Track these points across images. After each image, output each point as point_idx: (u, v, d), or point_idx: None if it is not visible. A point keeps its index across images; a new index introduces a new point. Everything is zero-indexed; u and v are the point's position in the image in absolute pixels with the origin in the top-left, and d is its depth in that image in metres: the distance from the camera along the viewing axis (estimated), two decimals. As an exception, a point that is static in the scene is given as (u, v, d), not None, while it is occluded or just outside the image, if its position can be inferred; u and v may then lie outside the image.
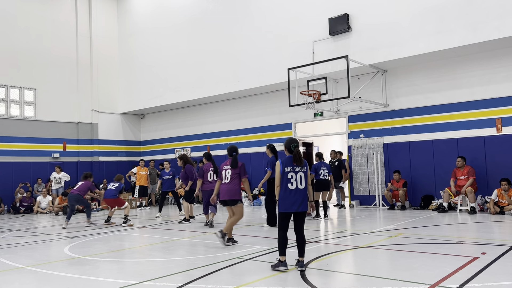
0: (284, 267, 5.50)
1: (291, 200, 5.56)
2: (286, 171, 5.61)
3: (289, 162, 5.64)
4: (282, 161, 5.66)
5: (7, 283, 5.57)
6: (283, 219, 5.62)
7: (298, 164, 5.63)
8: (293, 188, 5.58)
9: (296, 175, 5.61)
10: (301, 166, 5.67)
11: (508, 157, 11.59)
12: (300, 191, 5.59)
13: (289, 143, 5.76)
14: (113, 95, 20.72)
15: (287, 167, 5.62)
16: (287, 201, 5.57)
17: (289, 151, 5.74)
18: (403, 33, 12.37)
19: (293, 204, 5.55)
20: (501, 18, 10.76)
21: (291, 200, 5.56)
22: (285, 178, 5.60)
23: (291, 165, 5.63)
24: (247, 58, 15.91)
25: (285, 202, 5.57)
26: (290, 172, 5.60)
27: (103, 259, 6.87)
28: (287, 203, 5.57)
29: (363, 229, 9.07)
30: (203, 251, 7.24)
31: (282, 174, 5.61)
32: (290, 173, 5.60)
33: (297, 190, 5.58)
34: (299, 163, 5.64)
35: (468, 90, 12.31)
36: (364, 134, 14.21)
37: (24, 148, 17.87)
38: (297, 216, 5.62)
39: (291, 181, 5.58)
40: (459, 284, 4.66)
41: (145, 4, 20.02)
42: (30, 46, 18.28)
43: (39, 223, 12.97)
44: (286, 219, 5.62)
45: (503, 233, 8.42)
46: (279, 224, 5.67)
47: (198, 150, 19.08)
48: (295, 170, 5.62)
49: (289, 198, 5.56)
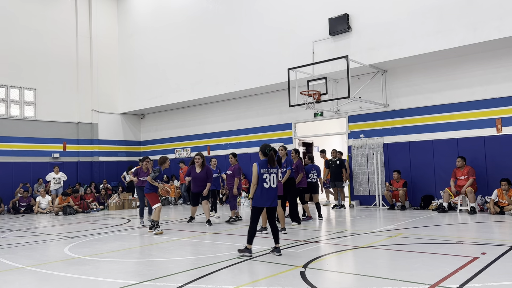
0: (249, 253, 6.44)
1: (265, 197, 6.55)
2: (262, 172, 6.56)
3: (264, 165, 6.59)
4: (258, 163, 6.59)
5: (7, 283, 5.57)
6: (256, 213, 6.59)
7: (272, 165, 6.61)
8: (267, 187, 6.57)
9: (270, 176, 6.60)
10: (274, 168, 6.65)
11: (508, 157, 11.59)
12: (273, 190, 6.62)
13: (265, 148, 6.70)
14: (113, 95, 20.72)
15: (263, 169, 6.57)
16: (262, 198, 6.55)
17: (264, 155, 6.66)
18: (403, 33, 12.37)
19: (267, 201, 6.58)
20: (501, 18, 10.76)
21: (265, 197, 6.55)
22: (261, 178, 6.55)
23: (266, 167, 6.59)
24: (247, 58, 15.91)
25: (261, 199, 6.55)
26: (265, 173, 6.57)
27: (103, 259, 6.87)
28: (262, 199, 6.55)
29: (363, 229, 9.07)
30: (203, 251, 7.24)
31: (259, 175, 6.55)
32: (265, 174, 6.57)
33: (270, 188, 6.59)
34: (272, 165, 6.61)
35: (468, 90, 12.31)
36: (364, 134, 14.21)
37: (24, 148, 17.87)
38: (269, 210, 6.70)
39: (266, 180, 6.56)
40: (459, 284, 4.66)
41: (145, 4, 20.02)
42: (30, 46, 18.28)
43: (39, 223, 12.97)
44: (258, 213, 6.61)
45: (503, 233, 8.42)
46: (251, 217, 6.59)
47: (198, 150, 19.07)
48: (269, 172, 6.61)
49: (264, 196, 6.54)
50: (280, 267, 5.78)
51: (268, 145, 6.77)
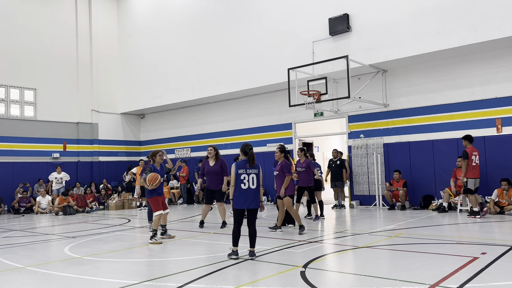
0: (236, 256, 6.34)
1: (243, 199, 6.35)
2: (239, 173, 6.38)
3: (243, 165, 6.42)
4: (236, 164, 6.43)
5: (7, 283, 5.57)
6: (237, 215, 6.44)
7: (251, 165, 6.42)
8: (246, 188, 6.36)
9: (248, 177, 6.39)
10: (254, 168, 6.45)
11: (508, 157, 11.59)
12: (252, 191, 6.39)
13: (245, 147, 6.53)
14: (113, 95, 20.72)
15: (240, 169, 6.39)
16: (240, 199, 6.36)
17: (245, 154, 6.49)
18: (403, 33, 12.37)
19: (245, 202, 6.36)
20: (501, 18, 10.76)
21: (243, 199, 6.35)
22: (238, 179, 6.37)
23: (244, 167, 6.41)
24: (247, 58, 15.90)
25: (238, 200, 6.37)
26: (243, 174, 6.38)
27: (103, 259, 6.87)
28: (240, 201, 6.36)
29: (363, 229, 9.07)
30: (203, 251, 7.24)
31: (236, 176, 6.36)
32: (243, 175, 6.38)
33: (248, 189, 6.37)
34: (252, 164, 6.42)
35: (468, 90, 12.31)
36: (364, 134, 14.21)
37: (24, 148, 17.87)
38: (249, 212, 6.47)
39: (244, 181, 6.36)
40: (459, 284, 4.66)
41: (145, 4, 20.01)
42: (30, 46, 18.28)
43: (39, 223, 12.97)
44: (239, 215, 6.44)
45: (503, 233, 8.43)
46: (234, 219, 6.48)
47: (198, 150, 19.10)
48: (247, 172, 6.41)
49: (242, 197, 6.35)
50: (280, 267, 5.78)
51: (248, 144, 6.60)
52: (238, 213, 6.44)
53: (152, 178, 8.15)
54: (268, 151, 16.50)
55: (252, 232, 6.48)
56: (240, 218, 6.44)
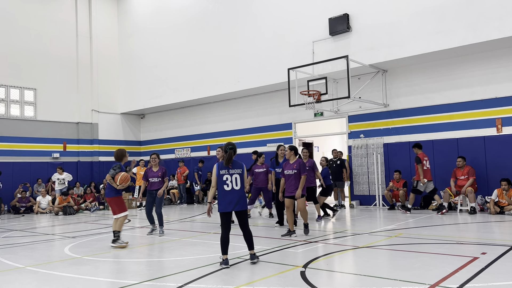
0: (226, 265, 5.82)
1: (227, 201, 5.96)
2: (221, 173, 6.00)
3: (224, 165, 6.03)
4: (218, 164, 6.09)
5: (7, 283, 5.57)
6: (223, 219, 6.03)
7: (228, 165, 6.01)
8: (229, 189, 5.98)
9: (231, 177, 6.00)
10: (237, 168, 6.05)
11: (508, 157, 11.59)
12: (236, 192, 6.00)
13: (226, 146, 6.12)
14: (113, 95, 20.72)
15: (222, 170, 6.01)
16: (223, 201, 5.97)
17: (225, 153, 6.08)
18: (403, 33, 12.37)
19: (229, 204, 5.95)
20: (501, 18, 10.76)
21: (227, 201, 5.96)
22: (220, 180, 5.99)
23: (227, 167, 6.02)
24: (247, 58, 15.91)
25: (222, 203, 5.97)
26: (225, 175, 5.99)
27: (103, 259, 6.87)
28: (224, 203, 5.96)
29: (363, 229, 9.07)
30: (203, 251, 7.23)
31: (218, 177, 6.01)
32: (225, 175, 5.99)
33: (232, 191, 5.99)
34: (227, 164, 6.00)
35: (468, 90, 12.31)
36: (364, 134, 14.21)
37: (24, 148, 17.88)
38: (237, 214, 6.08)
39: (227, 182, 5.98)
40: (459, 284, 4.66)
41: (145, 4, 20.02)
42: (30, 46, 18.28)
43: (39, 223, 12.97)
44: (225, 218, 6.02)
45: (503, 233, 8.42)
46: (221, 225, 6.07)
47: (198, 150, 19.10)
48: (230, 172, 6.02)
49: (226, 199, 5.96)
50: (280, 267, 5.78)
51: (230, 143, 6.16)
52: (224, 217, 6.00)
53: (125, 179, 7.79)
54: (268, 151, 16.49)
55: (247, 234, 6.11)
56: (227, 222, 6.02)
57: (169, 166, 19.85)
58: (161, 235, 9.08)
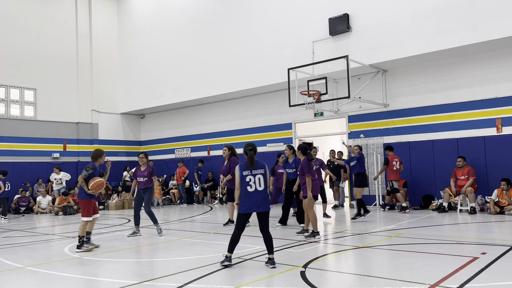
0: (229, 262, 5.86)
1: (251, 202, 5.86)
2: (244, 174, 5.92)
3: (247, 166, 5.96)
4: (240, 165, 6.00)
5: (7, 283, 5.57)
6: (241, 220, 5.94)
7: (251, 167, 5.93)
8: (252, 190, 5.88)
9: (254, 178, 5.92)
10: (260, 169, 5.97)
11: (508, 157, 11.58)
12: (259, 193, 5.90)
13: (245, 147, 6.07)
14: (113, 95, 20.72)
15: (245, 171, 5.93)
16: (247, 203, 5.87)
17: (245, 154, 6.04)
18: (403, 33, 12.37)
19: (253, 205, 5.86)
20: (501, 18, 10.76)
21: (251, 202, 5.86)
22: (244, 181, 5.90)
23: (249, 168, 5.94)
24: (247, 58, 15.90)
25: (246, 204, 5.87)
26: (248, 176, 5.91)
27: (103, 259, 6.87)
28: (247, 204, 5.87)
29: (363, 229, 9.07)
30: (203, 251, 7.23)
31: (241, 178, 5.91)
32: (248, 176, 5.91)
33: (256, 192, 5.89)
34: (250, 166, 5.92)
35: (468, 90, 12.31)
36: (364, 134, 14.21)
37: (24, 148, 17.88)
38: (259, 216, 5.96)
39: (250, 183, 5.89)
40: (459, 284, 4.66)
41: (145, 4, 20.02)
42: (30, 46, 18.28)
43: (39, 223, 12.97)
44: (244, 220, 5.95)
45: (503, 233, 8.42)
46: (236, 224, 5.98)
47: (198, 150, 19.10)
48: (253, 173, 5.93)
49: (249, 200, 5.86)
50: (280, 267, 5.78)
51: (250, 143, 6.09)
52: (244, 218, 5.93)
53: (98, 186, 7.48)
54: (268, 151, 16.50)
55: (268, 238, 5.90)
56: (244, 224, 5.95)
57: (169, 166, 19.87)
58: (160, 234, 9.00)
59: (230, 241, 5.93)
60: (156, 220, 9.27)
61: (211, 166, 18.12)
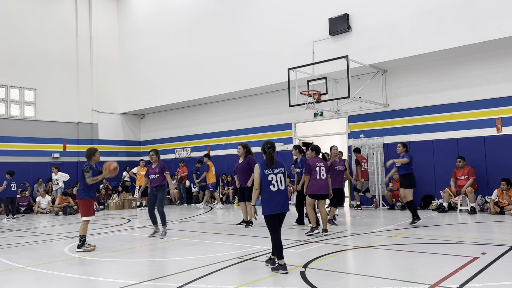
0: (284, 270, 5.45)
1: (275, 202, 5.58)
2: (266, 173, 5.62)
3: (267, 165, 5.68)
4: (260, 163, 5.68)
5: (7, 283, 5.57)
6: (271, 222, 5.61)
7: (270, 165, 5.65)
8: (275, 189, 5.60)
9: (276, 177, 5.64)
10: (280, 167, 5.71)
11: (508, 157, 11.58)
12: (282, 192, 5.64)
13: (264, 145, 5.79)
14: (113, 95, 20.72)
15: (266, 170, 5.63)
16: (271, 203, 5.57)
17: (263, 153, 5.77)
18: (403, 33, 12.37)
19: (278, 206, 5.58)
20: (501, 18, 10.76)
21: (275, 202, 5.58)
22: (265, 180, 5.61)
23: (270, 167, 5.66)
24: (247, 58, 15.90)
25: (270, 204, 5.57)
26: (270, 174, 5.62)
27: (103, 259, 6.87)
28: (271, 205, 5.57)
29: (363, 229, 9.07)
30: (203, 251, 7.23)
31: (262, 177, 5.62)
32: (270, 175, 5.62)
33: (279, 191, 5.62)
34: (270, 165, 5.65)
35: (468, 90, 12.31)
36: (364, 134, 14.21)
37: (24, 148, 17.87)
38: (280, 217, 5.68)
39: (272, 182, 5.61)
40: (459, 284, 4.66)
41: (145, 4, 20.02)
42: (30, 46, 18.28)
43: (39, 223, 12.97)
44: (273, 221, 5.61)
45: (503, 233, 8.43)
46: (269, 228, 5.65)
47: (198, 150, 19.09)
48: (274, 172, 5.65)
49: (273, 200, 5.57)
50: (280, 267, 5.77)
51: (269, 141, 5.82)
52: (272, 219, 5.59)
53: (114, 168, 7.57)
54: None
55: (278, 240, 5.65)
56: (275, 224, 5.60)
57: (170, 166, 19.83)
58: (162, 237, 8.74)
59: (273, 247, 5.59)
60: (166, 222, 9.03)
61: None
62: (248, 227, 9.93)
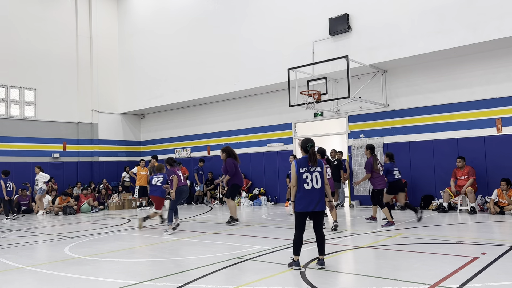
0: (297, 266, 5.56)
1: (307, 200, 5.62)
2: (301, 171, 5.66)
3: (304, 163, 5.70)
4: (297, 161, 5.74)
5: (7, 283, 5.57)
6: (300, 219, 5.69)
7: (312, 164, 5.67)
8: (309, 188, 5.64)
9: (311, 175, 5.67)
10: (316, 166, 5.71)
11: (508, 157, 11.58)
12: (316, 191, 5.66)
13: (305, 143, 5.79)
14: (113, 95, 20.72)
15: (302, 168, 5.68)
16: (303, 201, 5.63)
17: (305, 151, 5.78)
18: (403, 33, 12.37)
19: (310, 204, 5.62)
20: (501, 18, 10.76)
21: (308, 200, 5.62)
22: (300, 178, 5.66)
23: (306, 165, 5.68)
24: (247, 58, 15.90)
25: (302, 202, 5.64)
26: (305, 173, 5.66)
27: (103, 259, 6.87)
28: (303, 203, 5.63)
29: (363, 229, 9.07)
30: (203, 251, 7.23)
31: (298, 175, 5.66)
32: (305, 174, 5.66)
33: (313, 190, 5.65)
34: (313, 163, 5.67)
35: (468, 90, 12.31)
36: (364, 134, 14.21)
37: (24, 148, 17.87)
38: (315, 215, 5.72)
39: (307, 181, 5.64)
40: (459, 284, 4.66)
41: (145, 4, 20.02)
42: (30, 46, 18.28)
43: (39, 223, 12.97)
44: (302, 219, 5.69)
45: (503, 233, 8.43)
46: (296, 224, 5.72)
47: (198, 150, 19.10)
48: (310, 170, 5.67)
49: (306, 198, 5.63)
50: (280, 267, 5.78)
51: (309, 139, 5.81)
52: (301, 216, 5.67)
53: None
54: (268, 151, 16.51)
55: (320, 237, 5.72)
56: (303, 223, 5.69)
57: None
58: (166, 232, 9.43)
59: (293, 243, 5.67)
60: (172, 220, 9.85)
61: (211, 166, 18.12)
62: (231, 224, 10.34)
